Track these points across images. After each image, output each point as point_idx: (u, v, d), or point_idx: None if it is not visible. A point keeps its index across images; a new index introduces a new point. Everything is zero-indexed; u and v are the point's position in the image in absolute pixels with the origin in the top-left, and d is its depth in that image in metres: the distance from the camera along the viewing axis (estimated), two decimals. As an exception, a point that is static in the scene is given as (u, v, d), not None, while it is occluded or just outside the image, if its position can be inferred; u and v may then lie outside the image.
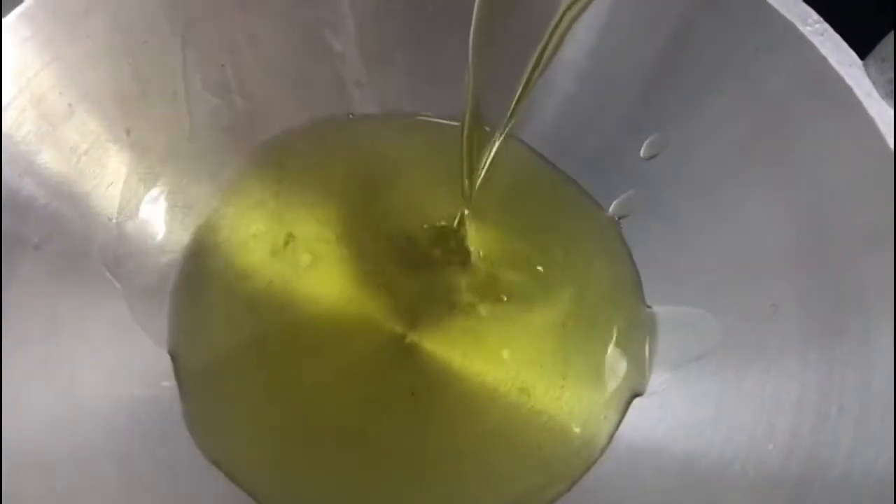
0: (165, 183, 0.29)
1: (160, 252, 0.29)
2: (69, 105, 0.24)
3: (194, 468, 0.26)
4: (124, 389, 0.26)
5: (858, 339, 0.21)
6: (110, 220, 0.27)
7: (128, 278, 0.27)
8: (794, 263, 0.24)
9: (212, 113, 0.29)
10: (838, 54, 0.21)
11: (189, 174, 0.29)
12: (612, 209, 0.31)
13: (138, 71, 0.26)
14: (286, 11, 0.28)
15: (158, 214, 0.29)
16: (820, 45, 0.21)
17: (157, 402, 0.27)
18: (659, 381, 0.28)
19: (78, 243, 0.25)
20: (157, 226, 0.29)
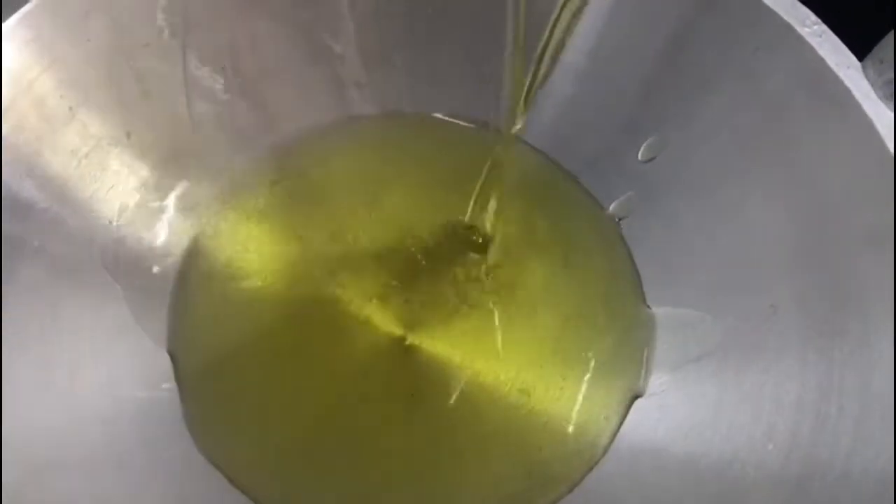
0: (166, 185, 0.29)
1: (160, 254, 0.29)
2: (70, 108, 0.24)
3: (194, 470, 0.26)
4: (125, 391, 0.26)
5: (858, 339, 0.21)
6: (111, 222, 0.27)
7: (128, 280, 0.27)
8: (794, 264, 0.24)
9: (212, 115, 0.29)
10: (836, 56, 0.21)
11: (189, 176, 0.29)
12: (612, 210, 0.31)
13: (139, 74, 0.26)
14: (286, 13, 0.28)
15: (159, 217, 0.29)
16: (818, 46, 0.21)
17: (158, 404, 0.27)
18: (658, 382, 0.28)
19: (78, 246, 0.25)
20: (157, 228, 0.29)
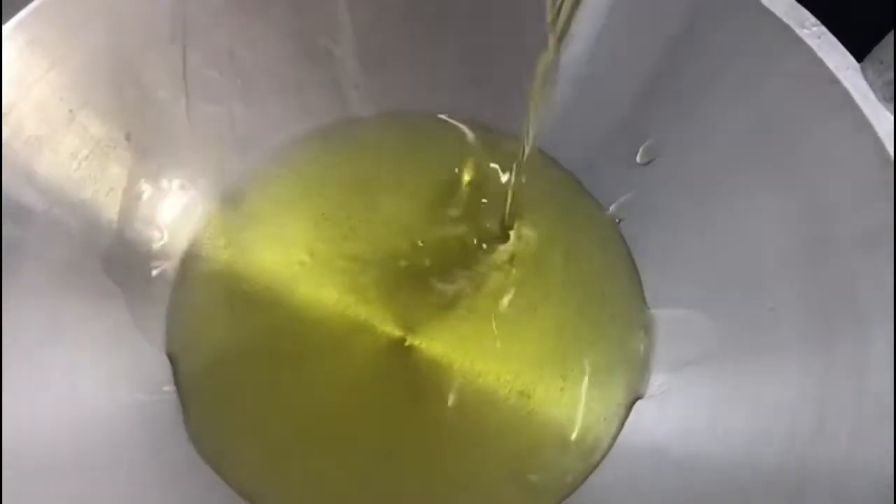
0: (165, 188, 0.29)
1: (160, 257, 0.29)
2: (70, 111, 0.24)
3: (194, 472, 0.26)
4: (124, 393, 0.26)
5: (856, 340, 0.21)
6: (111, 225, 0.27)
7: (128, 283, 0.27)
8: (793, 265, 0.24)
9: (212, 118, 0.29)
10: (836, 57, 0.21)
11: (189, 179, 0.29)
12: (612, 210, 0.31)
13: (138, 77, 0.26)
14: (285, 18, 0.28)
15: (158, 219, 0.29)
16: (817, 48, 0.21)
17: (158, 407, 0.27)
18: (658, 383, 0.28)
19: (78, 249, 0.25)
20: (157, 231, 0.29)
